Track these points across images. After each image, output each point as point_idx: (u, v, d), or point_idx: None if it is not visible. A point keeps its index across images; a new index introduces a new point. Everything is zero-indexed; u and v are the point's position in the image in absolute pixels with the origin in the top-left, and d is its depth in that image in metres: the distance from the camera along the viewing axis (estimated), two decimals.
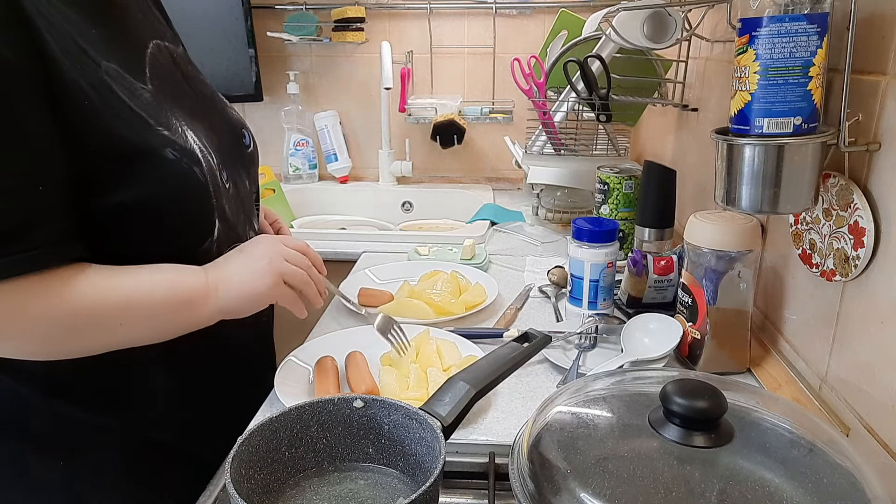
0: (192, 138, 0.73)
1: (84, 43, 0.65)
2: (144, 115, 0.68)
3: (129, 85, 0.69)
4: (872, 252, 0.67)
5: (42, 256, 0.62)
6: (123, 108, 0.67)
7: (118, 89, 0.67)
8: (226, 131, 0.84)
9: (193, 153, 0.72)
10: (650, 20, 1.16)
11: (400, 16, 1.91)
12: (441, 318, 1.03)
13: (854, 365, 0.71)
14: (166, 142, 0.69)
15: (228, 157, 0.82)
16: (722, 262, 0.83)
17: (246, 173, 0.88)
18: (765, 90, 0.67)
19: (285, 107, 1.96)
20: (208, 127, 0.79)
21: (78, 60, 0.64)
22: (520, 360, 0.68)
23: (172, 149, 0.70)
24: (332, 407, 0.61)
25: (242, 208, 0.85)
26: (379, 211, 1.93)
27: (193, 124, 0.76)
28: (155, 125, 0.69)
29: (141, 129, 0.68)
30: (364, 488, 0.60)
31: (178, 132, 0.72)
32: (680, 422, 0.51)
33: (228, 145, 0.83)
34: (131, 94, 0.68)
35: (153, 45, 0.77)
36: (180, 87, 0.79)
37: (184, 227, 0.74)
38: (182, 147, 0.71)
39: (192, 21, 1.75)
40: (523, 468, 0.52)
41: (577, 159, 1.44)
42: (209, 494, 0.68)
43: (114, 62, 0.68)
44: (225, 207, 0.78)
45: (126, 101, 0.67)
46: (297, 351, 0.92)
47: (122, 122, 0.66)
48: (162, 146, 0.69)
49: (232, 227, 0.81)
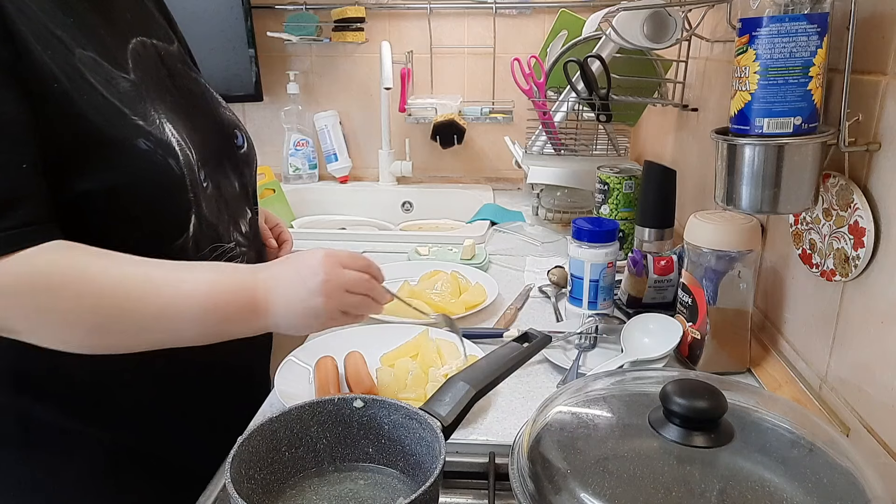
0: (169, 130, 0.73)
1: (57, 29, 0.66)
2: (118, 104, 0.68)
3: (106, 73, 0.69)
4: (872, 252, 0.67)
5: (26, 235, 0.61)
6: (96, 96, 0.66)
7: (92, 77, 0.67)
8: (214, 130, 0.83)
9: (169, 145, 0.71)
10: (650, 20, 1.16)
11: (400, 16, 1.91)
12: None
13: (854, 365, 0.71)
14: (140, 132, 0.69)
15: (213, 157, 0.81)
16: (722, 262, 0.83)
17: (236, 174, 0.86)
18: (765, 90, 0.67)
19: (285, 107, 1.95)
20: (192, 125, 0.78)
21: (49, 45, 0.64)
22: (520, 360, 0.68)
23: (146, 139, 0.69)
24: (332, 407, 0.61)
25: (226, 209, 0.83)
26: (379, 211, 1.92)
27: (175, 120, 0.75)
28: (130, 114, 0.69)
29: (113, 116, 0.67)
30: (364, 488, 0.60)
31: (156, 124, 0.71)
32: (680, 422, 0.51)
33: (215, 145, 0.82)
34: (107, 82, 0.68)
35: (137, 42, 0.76)
36: (163, 83, 0.78)
37: (157, 220, 0.72)
38: (157, 138, 0.70)
39: (192, 21, 1.75)
40: (523, 468, 0.52)
41: (577, 159, 1.44)
42: (209, 494, 0.68)
43: (90, 51, 0.68)
44: (202, 205, 0.76)
45: (99, 89, 0.67)
46: (297, 351, 0.92)
47: (92, 109, 0.66)
48: (135, 135, 0.68)
49: (212, 227, 0.79)
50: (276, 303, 0.68)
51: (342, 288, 0.69)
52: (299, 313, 0.69)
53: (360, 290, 0.71)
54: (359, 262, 0.72)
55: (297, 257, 0.72)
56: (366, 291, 0.72)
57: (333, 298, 0.69)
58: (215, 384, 0.85)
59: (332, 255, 0.71)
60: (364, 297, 0.72)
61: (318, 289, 0.68)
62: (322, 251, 0.71)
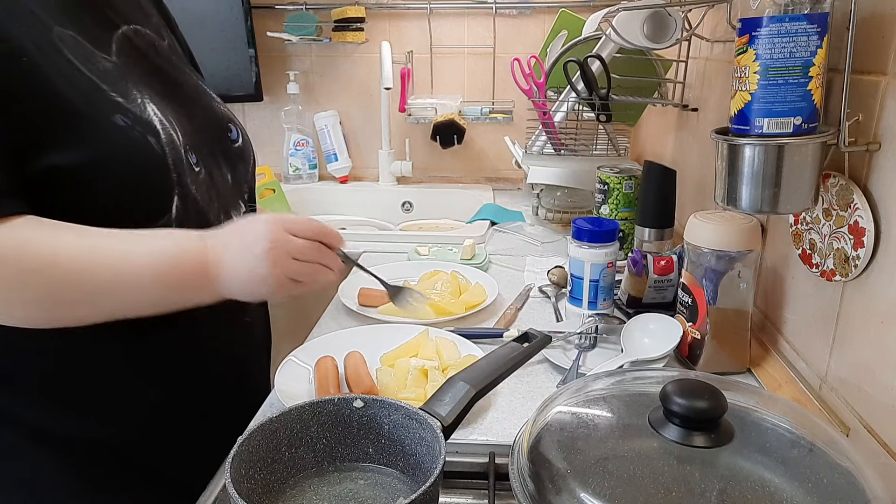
0: (152, 110, 0.71)
1: (34, 7, 0.65)
2: (97, 80, 0.67)
3: (87, 52, 0.68)
4: (872, 252, 0.67)
5: None
6: (72, 71, 0.66)
7: (70, 53, 0.66)
8: (206, 120, 0.82)
9: (150, 123, 0.70)
10: (650, 20, 1.16)
11: (400, 16, 1.91)
12: (441, 318, 1.03)
13: (854, 365, 0.71)
14: (118, 108, 0.68)
15: (205, 146, 0.79)
16: (722, 262, 0.83)
17: (229, 166, 0.84)
18: (765, 90, 0.67)
19: (285, 107, 1.95)
20: (183, 112, 0.77)
21: (21, 20, 0.64)
22: (520, 360, 0.68)
23: (124, 115, 0.68)
24: (332, 407, 0.61)
25: (218, 198, 0.80)
26: (379, 211, 1.93)
27: (161, 104, 0.73)
28: (108, 90, 0.68)
29: (89, 91, 0.66)
30: (364, 488, 0.60)
31: (136, 102, 0.70)
32: (680, 422, 0.51)
33: (207, 133, 0.81)
34: (86, 60, 0.67)
35: (127, 29, 0.75)
36: (152, 72, 0.77)
37: (134, 199, 0.69)
38: (136, 116, 0.69)
39: (192, 21, 1.74)
40: (523, 468, 0.52)
41: (577, 159, 1.44)
42: (209, 494, 0.67)
43: (71, 30, 0.67)
44: (190, 187, 0.74)
45: (76, 65, 0.66)
46: (297, 351, 0.92)
47: (67, 84, 0.65)
48: (111, 111, 0.67)
49: (201, 212, 0.76)
50: (224, 269, 0.67)
51: (288, 255, 0.67)
52: (247, 280, 0.68)
53: (309, 258, 0.69)
54: (308, 228, 0.69)
55: (245, 223, 0.70)
56: (315, 259, 0.69)
57: (279, 266, 0.67)
58: (210, 388, 0.83)
59: (279, 220, 0.69)
60: (314, 265, 0.69)
61: (263, 255, 0.66)
62: (269, 216, 0.70)
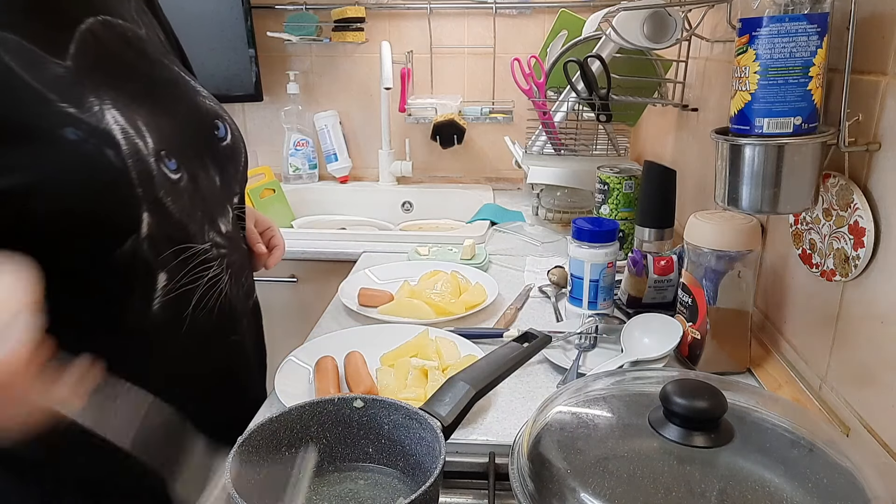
0: (112, 118, 0.65)
1: None
2: (43, 90, 0.61)
3: (33, 58, 0.62)
4: (872, 252, 0.67)
5: None
6: (13, 78, 0.60)
7: (11, 60, 0.60)
8: (189, 119, 0.77)
9: (107, 134, 0.64)
10: (650, 20, 1.16)
11: (400, 16, 1.91)
12: (441, 318, 1.03)
13: (854, 365, 0.71)
14: (67, 120, 0.62)
15: (189, 148, 0.74)
16: (722, 262, 0.83)
17: (216, 167, 0.79)
18: (765, 90, 0.67)
19: (285, 107, 1.96)
20: (160, 112, 0.72)
21: None
22: (520, 360, 0.68)
23: (76, 128, 0.62)
24: (331, 407, 0.61)
25: (202, 204, 0.74)
26: (379, 211, 1.93)
27: (131, 108, 0.68)
28: (57, 101, 0.62)
29: (32, 103, 0.61)
30: (364, 488, 0.60)
31: (92, 111, 0.64)
32: (680, 422, 0.51)
33: (190, 133, 0.76)
34: (32, 66, 0.62)
35: (93, 22, 0.69)
36: (125, 69, 0.71)
37: (87, 223, 0.63)
38: (91, 127, 0.63)
39: (192, 21, 1.75)
40: (523, 468, 0.52)
41: (577, 159, 1.44)
42: (209, 494, 0.67)
43: (17, 34, 0.62)
44: (164, 199, 0.68)
45: (18, 73, 0.60)
46: (297, 351, 0.92)
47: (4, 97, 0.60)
48: (60, 125, 0.61)
49: (178, 226, 0.70)
50: None
51: None
52: None
53: None
54: None
55: None
56: None
57: None
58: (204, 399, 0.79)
59: None
60: None
61: None
62: None
